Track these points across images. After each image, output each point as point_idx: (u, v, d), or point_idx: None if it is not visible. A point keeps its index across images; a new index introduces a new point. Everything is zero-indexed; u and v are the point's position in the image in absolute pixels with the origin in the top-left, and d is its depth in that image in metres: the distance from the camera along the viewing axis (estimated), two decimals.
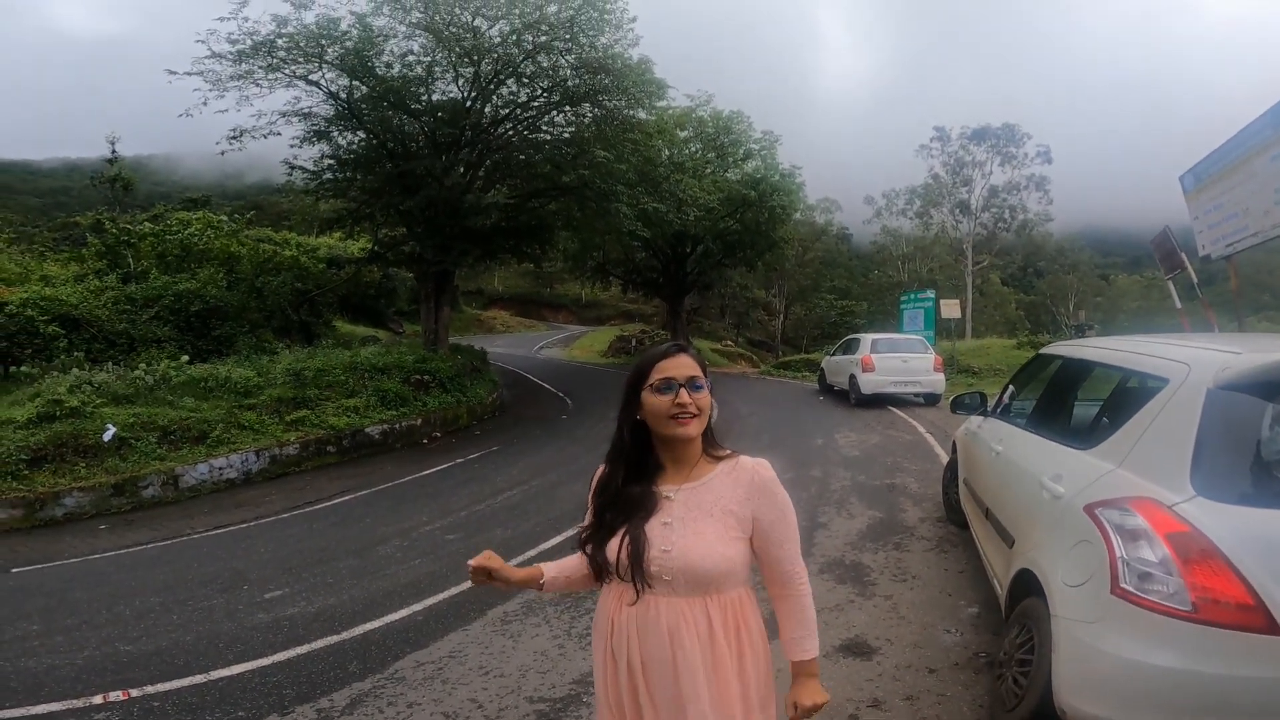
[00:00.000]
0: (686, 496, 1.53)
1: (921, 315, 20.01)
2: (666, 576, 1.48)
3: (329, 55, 12.91)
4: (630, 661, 1.52)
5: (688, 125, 23.41)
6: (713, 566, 1.46)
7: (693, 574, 1.46)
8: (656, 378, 1.50)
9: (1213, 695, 1.99)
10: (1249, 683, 1.95)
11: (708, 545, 1.47)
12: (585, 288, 57.08)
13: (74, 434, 7.96)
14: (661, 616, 1.48)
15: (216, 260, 15.52)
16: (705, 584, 1.47)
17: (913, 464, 7.99)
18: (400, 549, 5.69)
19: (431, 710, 3.15)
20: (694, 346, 1.66)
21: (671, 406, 1.48)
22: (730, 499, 1.51)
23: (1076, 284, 48.26)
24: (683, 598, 1.48)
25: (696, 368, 1.53)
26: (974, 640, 3.60)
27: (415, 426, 11.46)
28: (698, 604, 1.48)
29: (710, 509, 1.51)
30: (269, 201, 39.34)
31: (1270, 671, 1.94)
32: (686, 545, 1.47)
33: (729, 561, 1.48)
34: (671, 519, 1.51)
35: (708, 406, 1.53)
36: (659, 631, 1.48)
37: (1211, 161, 6.96)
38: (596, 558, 1.58)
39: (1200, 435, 2.22)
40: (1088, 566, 2.30)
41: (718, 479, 1.54)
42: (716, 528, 1.49)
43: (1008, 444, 3.86)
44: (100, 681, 3.58)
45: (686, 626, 1.47)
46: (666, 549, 1.48)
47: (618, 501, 1.58)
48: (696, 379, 1.51)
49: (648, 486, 1.57)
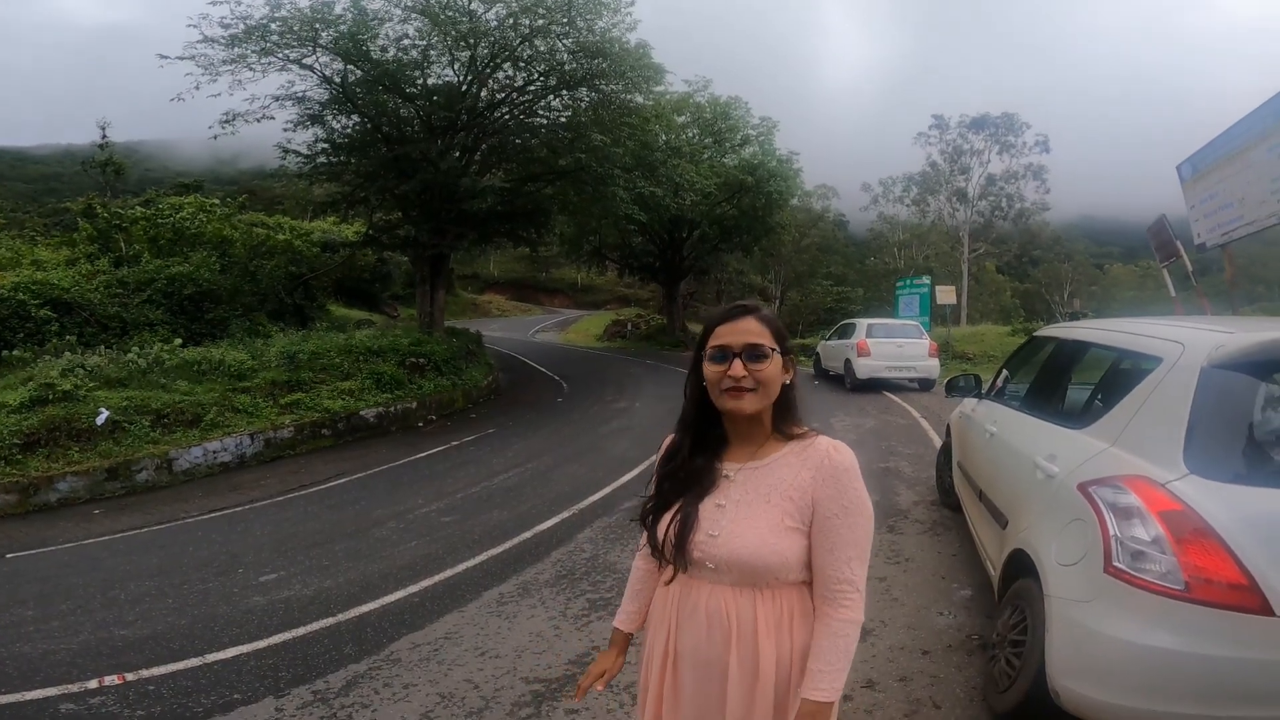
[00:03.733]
0: (747, 477, 1.37)
1: (917, 301, 20.05)
2: (710, 564, 1.34)
3: (323, 39, 12.77)
4: (668, 650, 1.42)
5: (685, 110, 23.30)
6: (760, 558, 1.30)
7: (738, 564, 1.31)
8: (712, 344, 1.35)
9: (1206, 677, 1.97)
10: (1243, 664, 1.94)
11: (758, 535, 1.31)
12: (581, 272, 57.08)
13: (67, 418, 7.92)
14: (702, 604, 1.36)
15: (209, 244, 15.42)
16: (753, 576, 1.32)
17: (907, 448, 8.02)
18: (396, 531, 5.69)
19: (427, 691, 3.16)
20: (767, 307, 1.44)
21: (724, 378, 1.32)
22: (793, 483, 1.33)
23: (1071, 272, 48.33)
24: (729, 587, 1.34)
25: (762, 333, 1.33)
26: (967, 622, 3.63)
27: (411, 410, 11.45)
28: (745, 596, 1.33)
29: (769, 494, 1.33)
30: (262, 187, 39.01)
31: (1263, 653, 1.92)
32: (736, 531, 1.32)
33: (779, 555, 1.30)
34: (726, 501, 1.36)
35: (771, 379, 1.33)
36: (697, 620, 1.36)
37: (1210, 151, 6.94)
38: (652, 532, 1.45)
39: (1194, 414, 2.21)
40: (1081, 545, 2.30)
41: (784, 460, 1.36)
42: (773, 515, 1.32)
43: (1002, 426, 3.87)
44: (95, 666, 3.58)
45: (728, 619, 1.33)
46: (714, 533, 1.34)
47: (678, 474, 1.44)
48: (759, 347, 1.31)
49: (711, 461, 1.42)
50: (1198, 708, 2.00)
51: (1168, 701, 2.03)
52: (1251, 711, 1.98)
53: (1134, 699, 2.08)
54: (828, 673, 1.27)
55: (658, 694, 1.44)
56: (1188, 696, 2.01)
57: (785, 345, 1.37)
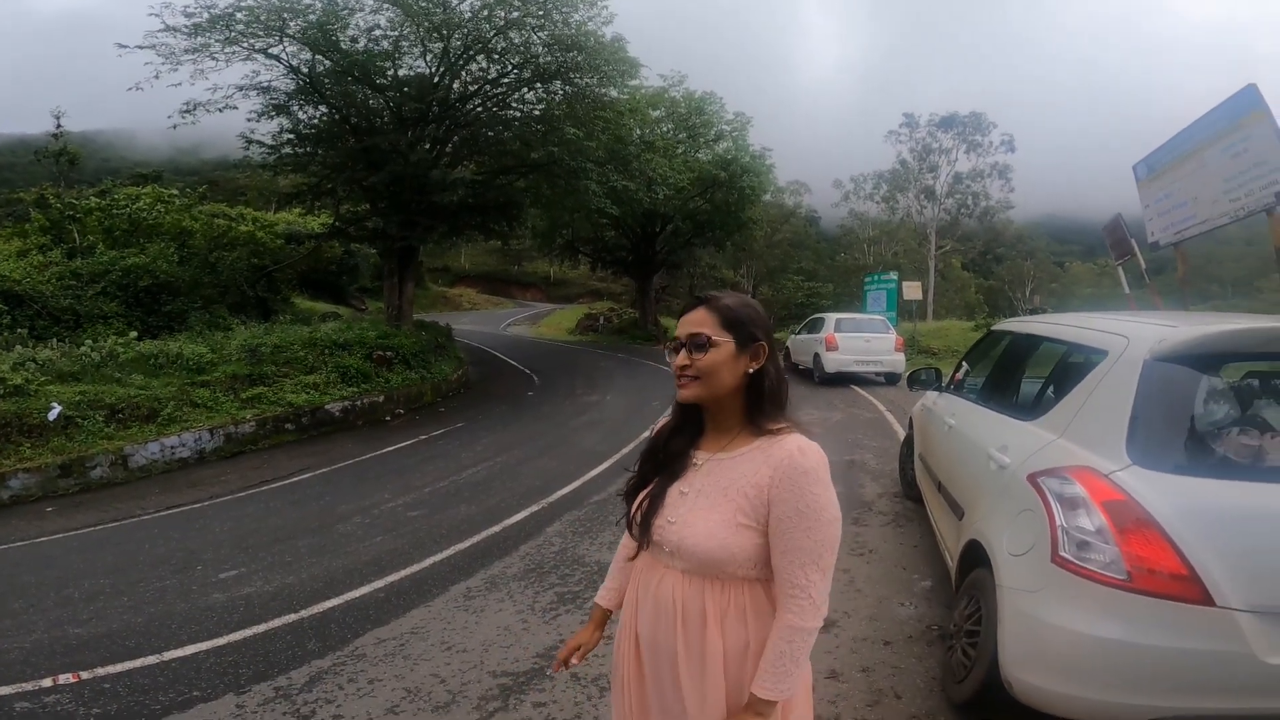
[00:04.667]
0: (712, 468, 1.38)
1: (884, 297, 20.36)
2: (666, 548, 1.37)
3: (291, 29, 12.47)
4: (632, 630, 1.45)
5: (660, 105, 23.32)
6: (706, 551, 1.30)
7: (687, 553, 1.32)
8: (673, 335, 1.39)
9: (1151, 668, 1.99)
10: (1185, 654, 1.96)
11: (709, 527, 1.31)
12: (554, 266, 56.69)
13: (18, 413, 7.65)
14: (654, 587, 1.39)
15: (167, 235, 14.99)
16: (703, 566, 1.32)
17: (872, 441, 8.16)
18: (361, 526, 5.62)
19: (393, 686, 3.14)
20: (733, 294, 1.42)
21: (676, 367, 1.36)
22: (751, 480, 1.31)
23: (1033, 270, 49.50)
24: (680, 573, 1.36)
25: (705, 322, 1.34)
26: (927, 613, 3.71)
27: (377, 403, 11.29)
28: (695, 585, 1.34)
29: (728, 488, 1.33)
30: (225, 178, 38.07)
31: (1204, 644, 1.95)
32: (689, 521, 1.33)
33: (726, 550, 1.29)
34: (690, 489, 1.38)
35: (712, 368, 1.33)
36: (649, 602, 1.39)
37: (1165, 151, 7.12)
38: (628, 508, 1.48)
39: (1136, 405, 2.26)
40: (1030, 535, 2.34)
41: (750, 455, 1.34)
42: (727, 510, 1.31)
43: (960, 418, 3.96)
44: (50, 664, 3.48)
45: (675, 604, 1.35)
46: (673, 520, 1.36)
47: (657, 454, 1.47)
48: (698, 336, 1.33)
49: (687, 447, 1.44)
50: (1144, 698, 2.02)
51: (1116, 692, 2.05)
52: (1196, 702, 2.00)
53: (1083, 689, 2.09)
54: (770, 673, 1.27)
55: (623, 674, 1.47)
56: (1134, 687, 2.03)
57: (746, 332, 1.35)
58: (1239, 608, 1.95)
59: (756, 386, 1.37)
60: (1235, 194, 5.96)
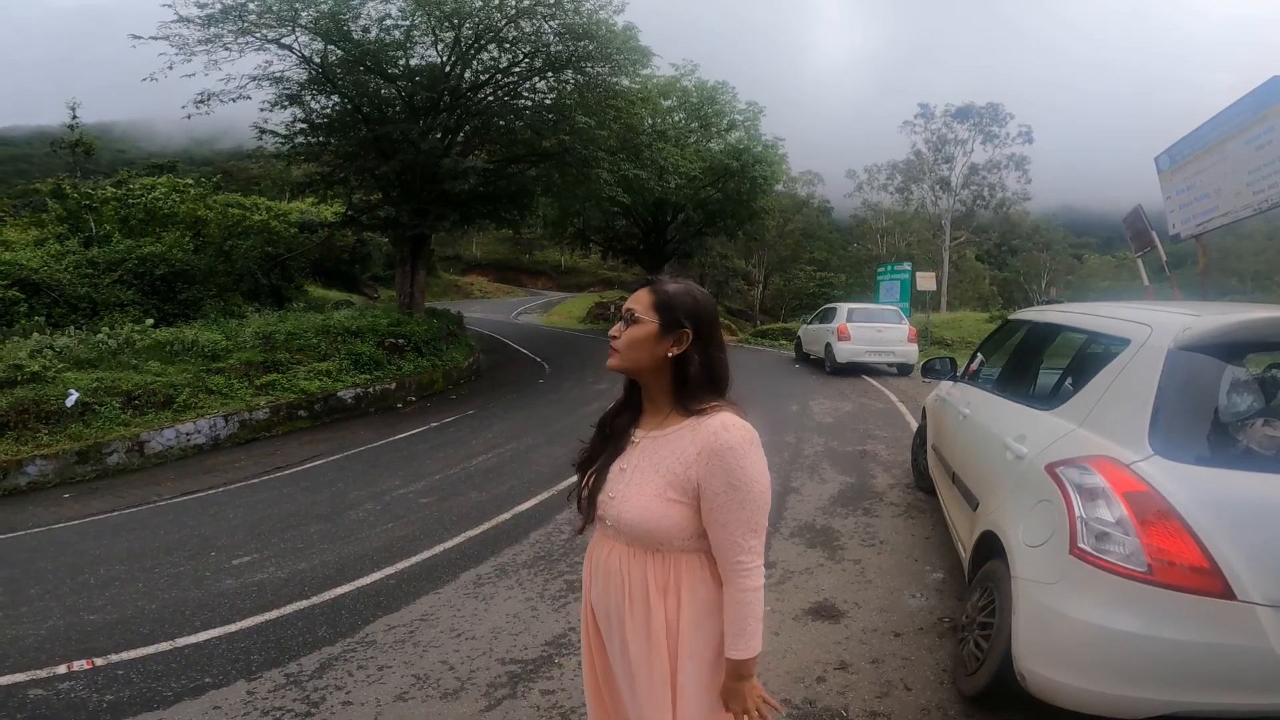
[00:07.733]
0: (647, 445, 1.45)
1: (898, 287, 20.18)
2: (609, 522, 1.46)
3: (303, 19, 12.46)
4: (588, 601, 1.55)
5: (672, 94, 23.18)
6: (641, 525, 1.38)
7: (626, 527, 1.41)
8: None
9: (1169, 662, 1.96)
10: (1204, 649, 1.92)
11: (642, 502, 1.38)
12: (565, 254, 56.74)
13: (36, 400, 7.74)
14: (613, 560, 1.47)
15: (183, 224, 15.10)
16: (642, 539, 1.40)
17: (884, 431, 8.10)
18: (372, 513, 5.65)
19: (402, 673, 3.15)
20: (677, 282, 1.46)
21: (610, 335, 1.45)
22: (679, 458, 1.37)
23: (1049, 262, 48.83)
24: (625, 546, 1.45)
25: (640, 301, 1.42)
26: (938, 605, 3.67)
27: (389, 390, 11.35)
28: (638, 557, 1.43)
29: (659, 464, 1.40)
30: (239, 168, 38.19)
31: (1224, 638, 1.91)
32: (626, 496, 1.41)
33: (658, 523, 1.37)
34: (628, 465, 1.46)
35: (632, 342, 1.40)
36: (599, 574, 1.49)
37: (1188, 143, 7.00)
38: (578, 483, 1.57)
39: (1160, 395, 2.21)
40: (1048, 526, 2.30)
41: (679, 433, 1.41)
42: (657, 485, 1.38)
43: (975, 407, 3.90)
44: (64, 651, 3.52)
45: (622, 576, 1.44)
46: (612, 495, 1.45)
47: (604, 431, 1.55)
48: (630, 312, 1.42)
49: (629, 425, 1.51)
50: (1161, 693, 1.99)
51: (1132, 686, 2.01)
52: (1214, 697, 1.96)
53: (1098, 683, 2.06)
54: (740, 635, 1.36)
55: (587, 643, 1.58)
56: (1151, 681, 1.99)
57: (672, 317, 1.39)
58: (1260, 602, 1.91)
59: (681, 370, 1.42)
60: (1258, 186, 5.85)
